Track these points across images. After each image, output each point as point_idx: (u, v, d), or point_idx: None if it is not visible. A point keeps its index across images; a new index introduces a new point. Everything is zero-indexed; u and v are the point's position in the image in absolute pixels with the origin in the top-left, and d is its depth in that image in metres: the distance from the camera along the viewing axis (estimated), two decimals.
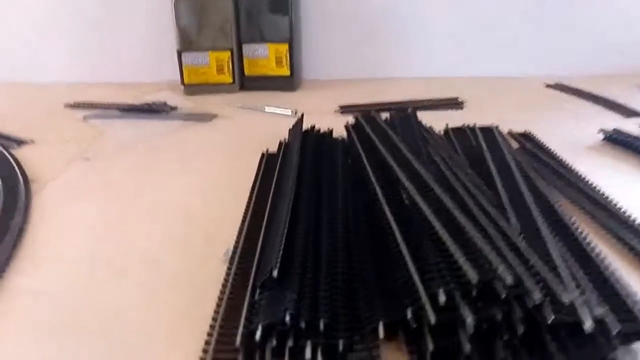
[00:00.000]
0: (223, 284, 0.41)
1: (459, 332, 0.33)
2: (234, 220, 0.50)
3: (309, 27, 1.02)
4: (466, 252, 0.36)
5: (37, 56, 1.05)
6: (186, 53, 0.93)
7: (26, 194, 0.56)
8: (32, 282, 0.43)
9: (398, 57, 1.05)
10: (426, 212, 0.42)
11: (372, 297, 0.38)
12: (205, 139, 0.75)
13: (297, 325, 0.34)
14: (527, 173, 0.54)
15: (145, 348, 0.36)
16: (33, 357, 0.35)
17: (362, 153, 0.58)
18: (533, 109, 0.84)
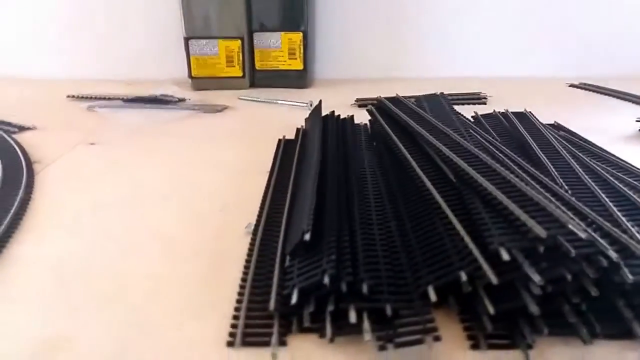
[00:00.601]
0: (248, 253, 0.37)
1: (523, 295, 0.29)
2: (253, 197, 0.46)
3: (324, 22, 0.99)
4: (527, 211, 0.33)
5: (36, 52, 1.02)
6: (194, 40, 0.89)
7: (28, 172, 0.52)
8: (38, 250, 0.39)
9: (416, 57, 1.02)
10: (474, 176, 0.39)
11: (416, 262, 0.34)
12: (216, 127, 0.71)
13: (337, 289, 0.30)
14: (573, 151, 0.51)
15: (165, 315, 0.32)
16: (43, 319, 0.32)
17: (390, 131, 0.54)
18: (559, 104, 0.81)
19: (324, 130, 0.57)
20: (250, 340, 0.29)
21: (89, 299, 0.33)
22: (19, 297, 0.33)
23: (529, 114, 0.63)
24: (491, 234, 0.32)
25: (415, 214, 0.40)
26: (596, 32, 0.99)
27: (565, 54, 1.01)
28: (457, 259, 0.32)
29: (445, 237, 0.35)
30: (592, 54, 1.00)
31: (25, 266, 0.37)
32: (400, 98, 0.64)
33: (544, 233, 0.30)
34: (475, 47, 1.01)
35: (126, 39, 1.00)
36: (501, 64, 1.01)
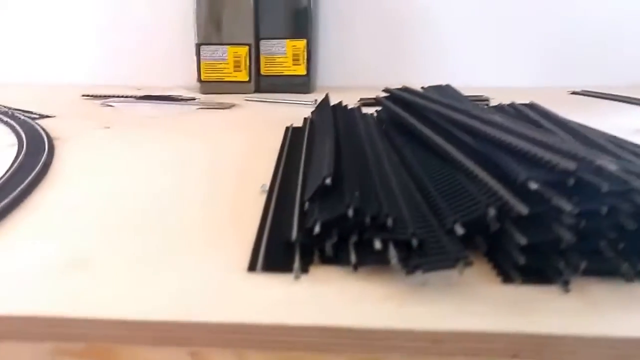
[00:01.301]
0: (265, 204, 0.36)
1: (555, 227, 0.28)
2: (265, 168, 0.46)
3: (328, 31, 1.00)
4: (552, 152, 0.32)
5: (48, 59, 1.03)
6: (205, 46, 0.90)
7: (49, 143, 0.53)
8: (59, 197, 0.40)
9: (418, 66, 1.03)
10: (492, 132, 0.38)
11: (439, 207, 0.33)
12: (226, 119, 0.72)
13: (361, 222, 0.29)
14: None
15: (191, 248, 0.31)
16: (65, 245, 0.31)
17: (401, 110, 0.54)
18: (564, 108, 0.80)
19: (334, 115, 0.57)
20: (271, 267, 0.28)
21: (109, 231, 0.33)
22: (42, 230, 0.34)
23: (536, 104, 0.63)
24: (517, 171, 0.31)
25: (433, 172, 0.39)
26: (594, 41, 1.00)
27: (565, 64, 1.02)
28: (483, 198, 0.31)
29: (468, 184, 0.34)
30: (591, 64, 1.01)
31: (47, 209, 0.37)
32: (408, 87, 0.64)
33: (573, 165, 0.29)
34: (476, 57, 1.02)
35: (137, 46, 1.01)
36: (501, 74, 1.02)
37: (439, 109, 0.48)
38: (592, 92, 0.91)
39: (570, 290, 0.26)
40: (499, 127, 0.39)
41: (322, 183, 0.33)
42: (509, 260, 0.29)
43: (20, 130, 0.57)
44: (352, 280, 0.27)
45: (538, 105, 0.60)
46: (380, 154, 0.44)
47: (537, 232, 0.28)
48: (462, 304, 0.25)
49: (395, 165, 0.42)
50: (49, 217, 0.36)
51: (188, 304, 0.25)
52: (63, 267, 0.28)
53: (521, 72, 1.02)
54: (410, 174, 0.41)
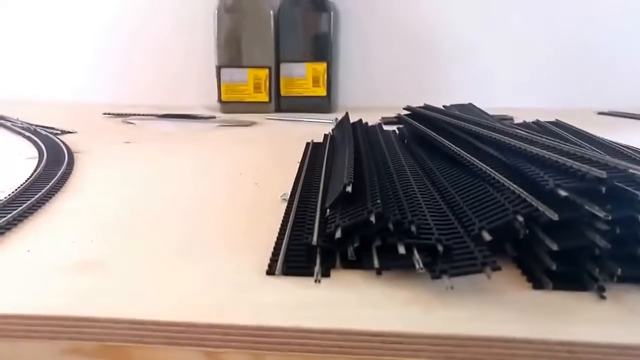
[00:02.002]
0: (285, 211, 0.36)
1: (588, 233, 0.27)
2: (286, 179, 0.45)
3: (348, 53, 1.00)
4: (582, 162, 0.31)
5: (71, 78, 1.04)
6: (225, 69, 0.91)
7: (69, 156, 0.54)
8: (77, 205, 0.40)
9: (437, 87, 1.02)
10: (517, 144, 0.37)
11: (465, 214, 0.32)
12: (246, 136, 0.72)
13: (384, 228, 0.28)
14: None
15: (210, 251, 0.31)
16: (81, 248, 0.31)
17: (423, 126, 0.53)
18: (591, 127, 0.79)
19: (354, 130, 0.57)
20: (291, 271, 0.27)
21: (127, 234, 0.33)
22: (59, 233, 0.33)
23: (562, 122, 0.62)
24: (545, 180, 0.30)
25: (458, 182, 0.38)
26: (621, 63, 0.99)
27: (590, 86, 1.00)
28: (510, 206, 0.30)
29: (494, 192, 0.33)
30: (617, 86, 1.00)
31: (65, 214, 0.37)
32: (430, 105, 0.63)
33: (604, 174, 0.28)
34: (499, 78, 1.01)
35: (159, 67, 1.03)
36: (525, 94, 1.01)
37: (462, 124, 0.47)
38: (620, 112, 0.90)
39: (606, 297, 0.25)
40: (525, 140, 0.38)
41: (344, 190, 0.33)
42: (539, 266, 0.28)
43: (42, 144, 0.57)
44: (375, 285, 0.26)
45: (563, 123, 0.59)
46: (402, 165, 0.43)
47: (569, 238, 0.27)
48: (491, 309, 0.24)
49: (417, 175, 0.41)
50: (67, 222, 0.36)
51: (204, 305, 0.24)
52: (79, 268, 0.28)
53: (545, 93, 1.01)
54: (434, 184, 0.40)
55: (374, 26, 1.01)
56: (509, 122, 0.77)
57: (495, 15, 1.00)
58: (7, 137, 0.67)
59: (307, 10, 0.93)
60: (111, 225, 0.35)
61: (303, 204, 0.37)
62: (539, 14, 0.99)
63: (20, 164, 0.51)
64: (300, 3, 0.93)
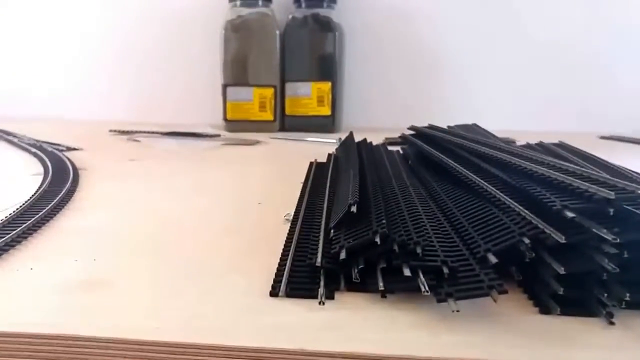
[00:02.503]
0: (289, 232, 0.35)
1: (595, 257, 0.27)
2: (289, 199, 0.45)
3: (353, 73, 1.01)
4: (590, 182, 0.31)
5: (79, 97, 1.05)
6: (231, 88, 0.92)
7: (74, 172, 0.54)
8: (81, 223, 0.39)
9: (442, 108, 1.03)
10: (522, 164, 0.37)
11: (470, 236, 0.32)
12: (250, 154, 0.72)
13: (389, 249, 0.28)
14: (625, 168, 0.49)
15: (211, 272, 0.30)
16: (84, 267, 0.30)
17: (427, 146, 0.53)
18: (594, 151, 0.79)
19: (359, 149, 0.57)
20: (295, 293, 0.26)
21: (129, 254, 0.33)
22: (60, 251, 0.33)
23: (565, 144, 0.62)
24: (552, 201, 0.30)
25: (463, 203, 0.38)
26: (624, 87, 0.99)
27: (593, 110, 1.00)
28: (515, 228, 0.30)
29: (499, 214, 0.33)
30: (620, 110, 0.99)
31: (69, 232, 0.37)
32: (434, 125, 0.63)
33: (612, 194, 0.28)
34: (501, 101, 1.02)
35: (165, 85, 1.03)
36: (526, 117, 1.01)
37: (466, 144, 0.47)
38: (622, 136, 0.89)
39: (614, 323, 0.24)
40: (530, 160, 0.38)
41: (348, 210, 0.32)
42: (546, 291, 0.27)
43: (47, 161, 0.58)
44: (380, 308, 0.26)
45: (567, 145, 0.59)
46: (406, 186, 0.43)
47: (576, 261, 0.27)
48: (497, 334, 0.24)
49: (422, 196, 0.41)
50: (70, 240, 0.35)
51: (207, 326, 0.24)
52: (81, 286, 0.28)
53: (547, 116, 1.01)
54: (438, 205, 0.40)
55: (379, 47, 1.01)
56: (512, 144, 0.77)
57: (498, 39, 1.00)
58: (14, 153, 0.68)
59: (313, 31, 0.93)
60: (114, 244, 0.35)
61: (307, 224, 0.37)
62: (541, 37, 1.00)
63: (26, 181, 0.51)
64: (306, 23, 0.93)
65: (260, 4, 0.92)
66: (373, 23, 1.01)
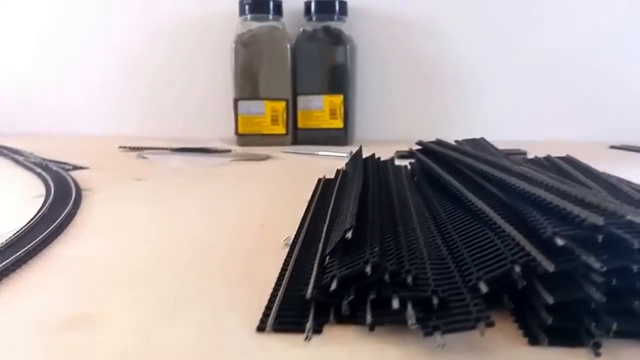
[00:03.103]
0: (285, 258, 0.36)
1: (583, 285, 0.26)
2: (292, 220, 0.45)
3: (365, 86, 1.01)
4: (581, 206, 0.31)
5: (92, 112, 1.07)
6: (242, 102, 0.93)
7: (77, 194, 0.54)
8: (77, 252, 0.39)
9: (458, 119, 1.02)
10: (520, 185, 0.37)
11: (464, 261, 0.32)
12: (259, 171, 0.73)
13: (380, 279, 0.28)
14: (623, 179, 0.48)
15: (203, 304, 0.30)
16: (72, 301, 0.31)
17: (432, 163, 0.53)
18: (603, 161, 0.77)
19: (365, 166, 0.57)
20: (282, 327, 0.27)
21: (121, 286, 0.33)
22: (52, 283, 0.34)
23: (572, 157, 0.61)
24: (544, 226, 0.30)
25: (460, 224, 0.38)
26: (636, 96, 0.98)
27: (604, 119, 0.99)
28: (508, 254, 0.30)
29: (494, 238, 0.33)
30: (631, 119, 0.98)
31: (63, 261, 0.37)
32: (442, 141, 0.63)
33: (601, 220, 0.28)
34: (513, 111, 1.01)
35: (177, 99, 1.05)
36: (537, 128, 1.00)
37: (470, 162, 0.47)
38: (632, 146, 0.88)
39: (601, 354, 0.24)
40: (528, 180, 0.38)
41: (344, 236, 0.33)
42: (536, 321, 0.27)
43: (51, 182, 0.58)
44: (368, 342, 0.26)
45: (573, 159, 0.58)
46: (408, 205, 0.43)
47: (565, 290, 0.27)
48: None
49: (423, 217, 0.41)
50: (62, 270, 0.35)
51: None
52: (65, 324, 0.28)
53: (559, 126, 1.00)
54: (438, 226, 0.40)
55: (391, 59, 1.02)
56: (522, 156, 0.76)
57: (510, 48, 1.00)
58: (18, 173, 0.68)
59: (324, 44, 0.94)
60: (107, 274, 0.35)
61: (305, 249, 0.37)
62: (552, 47, 0.99)
63: (27, 204, 0.51)
64: (317, 36, 0.94)
65: (271, 18, 0.92)
66: (384, 35, 1.01)
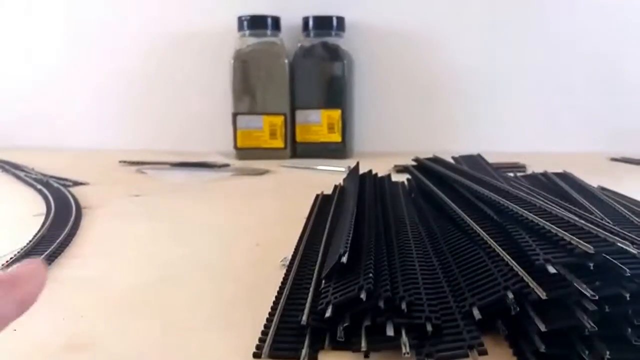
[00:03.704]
0: (282, 281, 0.36)
1: (576, 312, 0.27)
2: (289, 238, 0.46)
3: (363, 100, 1.02)
4: (572, 233, 0.31)
5: (92, 126, 1.07)
6: (241, 116, 0.93)
7: (77, 212, 0.55)
8: (77, 273, 0.40)
9: (456, 132, 1.03)
10: (515, 209, 0.37)
11: (459, 286, 0.32)
12: (258, 186, 0.73)
13: (374, 305, 0.29)
14: (618, 199, 0.48)
15: (199, 328, 0.31)
16: (69, 326, 0.31)
17: (428, 182, 0.54)
18: (601, 174, 0.77)
19: (361, 183, 0.57)
20: (278, 353, 0.27)
21: (116, 310, 0.33)
22: (51, 306, 0.33)
23: (569, 174, 0.62)
24: (536, 253, 0.30)
25: (456, 247, 0.38)
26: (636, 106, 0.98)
27: (604, 131, 1.00)
28: (502, 280, 0.30)
29: (488, 263, 0.33)
30: (632, 130, 0.98)
31: (61, 284, 0.37)
32: (438, 157, 0.64)
33: (592, 249, 0.28)
34: (510, 123, 1.02)
35: (176, 113, 1.05)
36: (537, 140, 1.00)
37: (465, 182, 0.48)
38: (632, 158, 0.88)
39: None
40: (523, 203, 0.39)
41: (338, 261, 0.33)
42: (529, 347, 0.27)
43: (51, 199, 0.58)
44: None
45: (571, 175, 0.59)
46: (404, 225, 0.44)
47: (558, 317, 0.27)
48: None
49: (419, 238, 0.41)
50: (61, 293, 0.35)
51: None
52: (65, 349, 0.28)
53: (558, 137, 1.01)
54: (434, 247, 0.40)
55: (388, 73, 1.02)
56: (521, 170, 0.77)
57: (508, 60, 1.01)
58: (19, 190, 0.69)
59: (321, 59, 0.95)
60: (102, 298, 0.35)
61: (301, 271, 0.37)
62: (552, 57, 0.99)
63: (27, 222, 0.51)
64: (314, 52, 0.95)
65: (269, 34, 0.93)
66: (381, 50, 1.02)
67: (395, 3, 1.00)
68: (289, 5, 0.98)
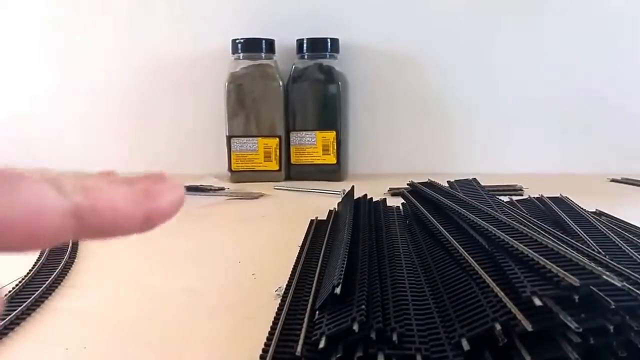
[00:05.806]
0: (277, 311, 0.37)
1: (561, 344, 0.28)
2: (284, 267, 0.46)
3: (357, 121, 1.03)
4: (559, 265, 0.32)
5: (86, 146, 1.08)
6: (235, 139, 0.94)
7: (73, 242, 0.54)
8: (76, 304, 0.40)
9: (453, 153, 1.04)
10: (506, 239, 0.38)
11: (449, 317, 0.33)
12: (252, 210, 0.74)
13: (366, 336, 0.29)
14: (614, 229, 0.49)
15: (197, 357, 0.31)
16: None
17: (422, 208, 0.55)
18: (600, 196, 0.78)
19: (356, 208, 0.58)
20: None
21: (110, 343, 0.34)
22: (52, 338, 0.34)
23: (566, 198, 0.63)
24: (524, 285, 0.31)
25: (447, 276, 0.39)
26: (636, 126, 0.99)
27: (604, 151, 1.00)
28: (490, 312, 0.31)
29: (479, 293, 0.34)
30: (632, 151, 0.99)
31: (62, 315, 0.38)
32: (433, 182, 0.65)
33: (577, 281, 0.29)
34: (507, 144, 1.02)
35: (171, 136, 1.06)
36: (535, 161, 1.01)
37: (459, 209, 0.48)
38: (632, 179, 0.89)
39: None
40: (514, 233, 0.39)
41: (332, 292, 0.34)
42: None
43: None
44: None
45: (567, 200, 0.60)
46: (398, 254, 0.44)
47: (544, 349, 0.28)
48: None
49: (412, 267, 0.42)
50: (61, 324, 0.36)
51: None
52: None
53: (559, 158, 1.01)
54: (427, 276, 0.41)
55: (382, 95, 1.03)
56: (517, 193, 0.78)
57: (503, 80, 1.02)
58: None
59: (316, 81, 0.96)
60: (103, 328, 0.36)
61: (296, 301, 0.38)
62: (549, 76, 1.00)
63: None
64: (308, 74, 0.96)
65: (264, 56, 0.95)
66: (376, 71, 1.03)
67: (390, 24, 1.02)
68: (283, 27, 0.99)
